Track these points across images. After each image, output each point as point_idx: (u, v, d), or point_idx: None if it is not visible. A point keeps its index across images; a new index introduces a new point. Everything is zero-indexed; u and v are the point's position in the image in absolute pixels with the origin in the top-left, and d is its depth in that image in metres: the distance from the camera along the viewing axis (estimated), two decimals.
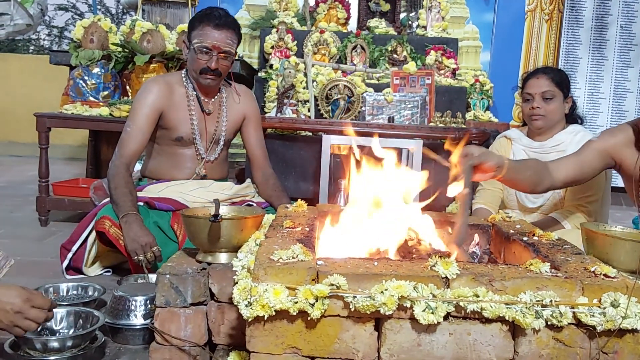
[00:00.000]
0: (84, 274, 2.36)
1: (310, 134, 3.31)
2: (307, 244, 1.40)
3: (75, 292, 2.02)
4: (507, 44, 5.04)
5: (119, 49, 3.58)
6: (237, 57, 3.75)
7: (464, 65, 4.81)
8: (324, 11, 4.21)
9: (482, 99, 4.12)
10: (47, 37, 11.41)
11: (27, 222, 3.37)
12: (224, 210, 1.68)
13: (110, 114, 3.31)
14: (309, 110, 3.45)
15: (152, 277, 2.03)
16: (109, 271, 2.43)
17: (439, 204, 3.19)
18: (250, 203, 2.49)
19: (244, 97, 2.59)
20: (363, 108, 3.46)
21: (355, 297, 1.21)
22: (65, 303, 1.89)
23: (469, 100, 3.96)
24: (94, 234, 2.31)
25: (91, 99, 3.47)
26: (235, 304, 1.23)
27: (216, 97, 2.50)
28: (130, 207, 2.16)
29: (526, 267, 1.31)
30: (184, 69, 2.49)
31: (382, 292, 1.19)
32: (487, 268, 1.31)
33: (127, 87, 3.65)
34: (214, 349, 1.53)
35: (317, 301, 1.20)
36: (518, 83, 4.74)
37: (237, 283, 1.27)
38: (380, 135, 2.84)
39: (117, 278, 2.21)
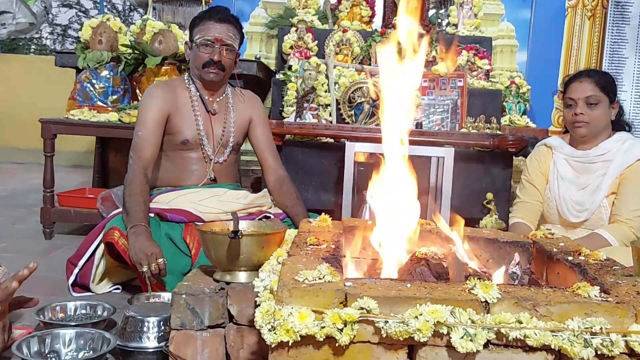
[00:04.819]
0: (92, 291, 2.39)
1: (332, 140, 3.32)
2: (334, 264, 1.40)
3: (83, 311, 2.04)
4: (546, 43, 4.98)
5: (129, 51, 3.62)
6: (254, 59, 3.82)
7: (498, 66, 4.77)
8: (346, 9, 4.22)
9: (519, 102, 4.08)
10: (49, 35, 11.59)
11: (31, 235, 3.42)
12: (243, 225, 1.68)
13: (120, 120, 3.35)
14: (330, 115, 3.45)
15: (164, 295, 2.04)
16: (118, 288, 2.46)
17: (471, 218, 3.20)
18: (268, 214, 2.51)
19: (249, 100, 2.72)
20: None
21: (387, 322, 1.21)
22: (73, 323, 1.91)
23: (504, 103, 3.92)
24: (102, 247, 2.35)
25: (99, 103, 3.51)
26: (258, 328, 1.24)
27: (222, 97, 2.61)
28: (142, 218, 2.19)
29: (573, 291, 1.30)
30: (187, 73, 2.63)
31: (416, 317, 1.19)
32: (531, 291, 1.30)
33: (137, 91, 3.69)
34: None
35: (345, 326, 1.20)
36: (558, 86, 4.70)
37: (259, 305, 1.28)
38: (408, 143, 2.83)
39: (127, 296, 2.23)
